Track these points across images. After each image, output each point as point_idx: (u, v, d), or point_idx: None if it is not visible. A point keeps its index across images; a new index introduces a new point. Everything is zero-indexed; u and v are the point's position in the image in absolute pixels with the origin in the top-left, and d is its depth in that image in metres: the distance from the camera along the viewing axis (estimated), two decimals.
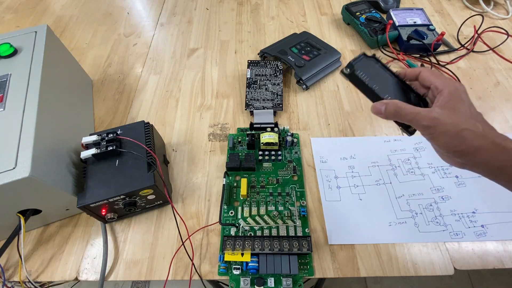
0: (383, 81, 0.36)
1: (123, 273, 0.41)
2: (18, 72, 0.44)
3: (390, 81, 0.36)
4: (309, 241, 0.40)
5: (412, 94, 0.35)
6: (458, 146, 0.29)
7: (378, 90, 0.35)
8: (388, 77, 0.36)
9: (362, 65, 0.36)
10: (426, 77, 0.34)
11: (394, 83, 0.36)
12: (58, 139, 0.42)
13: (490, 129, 0.30)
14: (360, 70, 0.35)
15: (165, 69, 0.66)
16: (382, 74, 0.36)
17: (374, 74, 0.36)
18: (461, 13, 0.75)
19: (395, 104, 0.32)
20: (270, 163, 0.50)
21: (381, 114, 0.33)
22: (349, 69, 0.35)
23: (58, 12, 0.81)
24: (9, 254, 0.42)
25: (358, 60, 0.36)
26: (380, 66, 0.36)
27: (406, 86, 0.36)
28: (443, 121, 0.29)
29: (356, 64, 0.36)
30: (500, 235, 0.42)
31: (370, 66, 0.36)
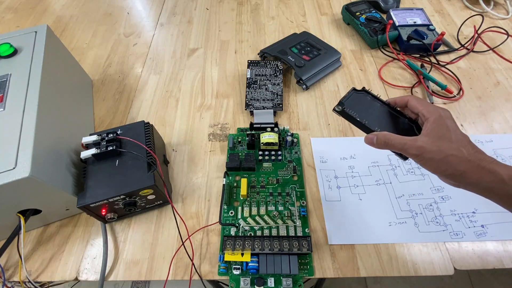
0: (373, 113, 0.38)
1: (123, 273, 0.41)
2: (18, 72, 0.44)
3: (380, 111, 0.38)
4: (309, 241, 0.40)
5: (404, 120, 0.37)
6: (446, 170, 0.31)
7: (369, 123, 0.37)
8: (378, 107, 0.38)
9: (352, 101, 0.38)
10: (413, 105, 0.36)
11: (385, 112, 0.38)
12: (58, 139, 0.42)
13: (475, 153, 0.31)
14: (349, 107, 0.38)
15: (165, 69, 0.66)
16: (373, 105, 0.39)
17: (364, 107, 0.38)
18: (461, 13, 0.76)
19: (384, 136, 0.34)
20: (270, 163, 0.50)
21: (373, 144, 0.35)
22: (340, 107, 0.38)
23: (58, 12, 0.81)
24: (9, 254, 0.42)
25: (348, 97, 0.39)
26: (371, 98, 0.39)
27: (397, 113, 0.38)
28: (429, 149, 0.31)
29: (346, 102, 0.38)
30: (500, 235, 0.42)
31: (360, 99, 0.39)
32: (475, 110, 0.57)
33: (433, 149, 0.31)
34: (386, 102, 0.38)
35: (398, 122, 0.37)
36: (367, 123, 0.37)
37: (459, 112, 0.56)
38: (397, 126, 0.37)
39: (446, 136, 0.32)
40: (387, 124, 0.37)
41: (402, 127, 0.37)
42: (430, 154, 0.31)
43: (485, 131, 0.54)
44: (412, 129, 0.36)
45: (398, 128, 0.37)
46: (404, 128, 0.37)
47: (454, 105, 0.57)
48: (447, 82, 0.61)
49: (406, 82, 0.61)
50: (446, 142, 0.31)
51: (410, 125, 0.37)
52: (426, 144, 0.31)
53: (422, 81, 0.60)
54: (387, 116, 0.38)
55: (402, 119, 0.37)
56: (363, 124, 0.37)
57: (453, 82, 0.61)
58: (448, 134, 0.32)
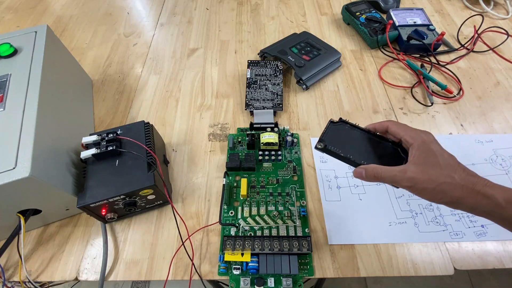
0: (356, 144, 0.37)
1: (123, 273, 0.41)
2: (18, 72, 0.44)
3: (362, 139, 0.37)
4: (309, 241, 0.40)
5: (387, 144, 0.36)
6: (442, 198, 0.30)
7: (354, 158, 0.36)
8: (359, 136, 0.37)
9: (332, 134, 0.37)
10: (394, 131, 0.35)
11: (367, 140, 0.37)
12: (58, 139, 0.42)
13: (467, 176, 0.31)
14: (331, 143, 0.37)
15: (165, 69, 0.66)
16: (353, 134, 0.37)
17: (346, 139, 0.37)
18: (461, 13, 0.75)
19: (373, 170, 0.33)
20: (270, 163, 0.50)
21: (362, 179, 0.34)
22: (322, 144, 0.37)
23: (58, 12, 0.81)
24: (9, 254, 0.42)
25: (327, 132, 0.37)
26: (349, 127, 0.38)
27: (379, 138, 0.37)
28: (420, 179, 0.30)
29: (326, 138, 0.37)
30: (500, 235, 0.42)
31: (339, 130, 0.38)
32: (475, 110, 0.57)
33: (424, 178, 0.30)
34: (365, 129, 0.38)
35: (382, 147, 0.36)
36: (352, 157, 0.36)
37: (459, 112, 0.56)
38: (382, 152, 0.36)
39: (434, 163, 0.31)
40: (372, 153, 0.36)
41: (387, 152, 0.36)
42: (422, 185, 0.30)
43: (485, 131, 0.54)
44: (397, 153, 0.35)
45: (383, 155, 0.36)
46: (388, 153, 0.36)
47: (454, 105, 0.57)
48: (447, 82, 0.61)
49: (406, 82, 0.61)
50: (436, 169, 0.31)
51: (395, 148, 0.36)
52: (416, 174, 0.31)
53: (422, 81, 0.60)
54: (370, 144, 0.37)
55: (385, 144, 0.37)
56: (348, 158, 0.36)
57: (453, 82, 0.61)
58: (435, 160, 0.31)
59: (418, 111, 0.57)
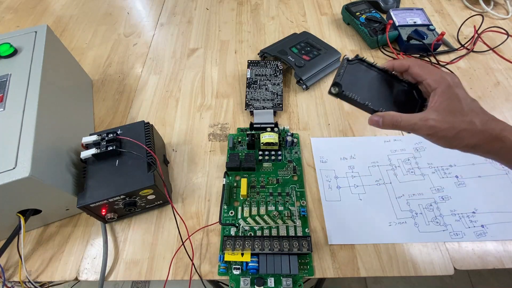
0: (372, 88, 0.34)
1: (123, 273, 0.41)
2: (18, 72, 0.44)
3: (379, 83, 0.34)
4: (309, 241, 0.40)
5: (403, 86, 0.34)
6: (458, 145, 0.31)
7: (372, 104, 0.33)
8: (376, 79, 0.34)
9: (348, 76, 0.34)
10: (416, 73, 0.33)
11: (383, 83, 0.34)
12: (58, 139, 0.42)
13: (488, 120, 0.30)
14: (347, 87, 0.33)
15: (165, 69, 0.66)
16: (370, 76, 0.34)
17: (361, 81, 0.34)
18: (461, 13, 0.75)
19: (391, 118, 0.32)
20: (270, 163, 0.50)
21: (379, 126, 0.33)
22: (337, 88, 0.33)
23: (58, 12, 0.81)
24: (9, 254, 0.42)
25: (343, 74, 0.34)
26: (366, 66, 0.35)
27: (395, 79, 0.34)
28: (440, 127, 0.30)
29: (342, 80, 0.33)
30: (500, 235, 0.42)
31: (355, 71, 0.34)
32: None
33: (445, 126, 0.30)
34: (383, 68, 0.35)
35: (398, 89, 0.34)
36: (370, 104, 0.33)
37: None
38: (397, 95, 0.34)
39: (458, 109, 0.30)
40: (388, 97, 0.33)
41: (402, 94, 0.34)
42: (442, 133, 0.30)
43: None
44: (412, 95, 0.34)
45: (398, 98, 0.34)
46: (403, 95, 0.34)
47: None
48: None
49: None
50: (458, 116, 0.30)
51: (409, 90, 0.34)
52: (438, 122, 0.30)
53: None
54: (386, 87, 0.34)
55: (400, 86, 0.34)
56: (365, 105, 0.33)
57: None
58: (459, 106, 0.30)
59: None
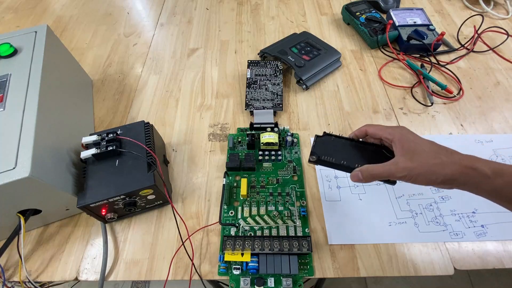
0: (344, 151, 0.39)
1: (123, 273, 0.41)
2: (18, 72, 0.44)
3: (349, 147, 0.40)
4: (309, 241, 0.40)
5: (371, 147, 0.39)
6: (435, 179, 0.32)
7: (347, 163, 0.38)
8: (344, 144, 0.40)
9: (321, 147, 0.40)
10: (372, 133, 0.38)
11: (353, 147, 0.40)
12: (58, 139, 0.42)
13: (451, 154, 0.33)
14: (322, 154, 0.39)
15: (165, 69, 0.66)
16: (341, 143, 0.40)
17: (333, 149, 0.39)
18: (461, 13, 0.75)
19: (367, 170, 0.35)
20: (270, 163, 0.50)
21: (360, 180, 0.36)
22: (314, 157, 0.39)
23: (58, 12, 0.81)
24: (9, 254, 0.42)
25: (316, 145, 0.40)
26: (334, 138, 0.40)
27: (362, 143, 0.40)
28: (412, 167, 0.32)
29: (316, 150, 0.39)
30: (500, 235, 0.42)
31: (326, 143, 0.40)
32: (475, 110, 0.57)
33: (415, 164, 0.32)
34: (349, 138, 0.40)
35: (368, 151, 0.39)
36: (345, 163, 0.38)
37: (459, 112, 0.56)
38: (369, 155, 0.38)
39: (418, 150, 0.33)
40: (361, 157, 0.38)
41: (373, 154, 0.38)
42: (416, 171, 0.32)
43: (485, 131, 0.54)
44: (382, 153, 0.38)
45: (371, 157, 0.38)
46: (375, 155, 0.38)
47: (454, 105, 0.57)
48: (447, 82, 0.61)
49: (406, 82, 0.61)
50: (423, 154, 0.33)
51: (378, 150, 0.38)
52: (407, 163, 0.33)
53: (422, 81, 0.60)
54: (357, 150, 0.39)
55: (369, 147, 0.39)
56: (342, 165, 0.38)
57: (453, 82, 0.61)
58: (418, 147, 0.33)
59: (418, 111, 0.57)
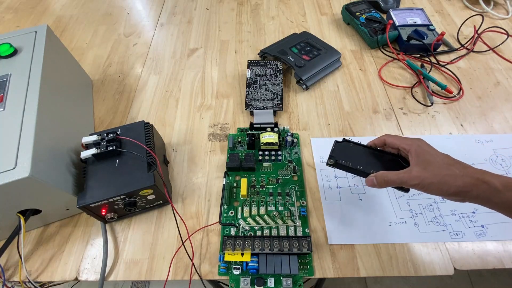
0: (362, 157, 0.41)
1: (123, 273, 0.41)
2: (18, 72, 0.44)
3: (366, 154, 0.41)
4: (309, 241, 0.40)
5: (388, 156, 0.40)
6: (447, 190, 0.33)
7: (363, 168, 0.40)
8: (362, 151, 0.41)
9: (339, 152, 0.41)
10: (391, 143, 0.39)
11: (370, 154, 0.41)
12: (58, 139, 0.42)
13: (464, 168, 0.34)
14: (340, 158, 0.41)
15: (165, 69, 0.66)
16: (357, 150, 0.42)
17: (352, 154, 0.41)
18: (461, 13, 0.75)
19: (381, 176, 0.37)
20: (270, 163, 0.50)
21: (374, 185, 0.37)
22: (332, 160, 0.41)
23: (58, 12, 0.81)
24: (9, 254, 0.42)
25: (334, 150, 0.42)
26: (353, 145, 0.42)
27: (380, 152, 0.41)
28: (424, 176, 0.34)
29: (335, 154, 0.41)
30: (500, 235, 0.42)
31: (345, 148, 0.42)
32: (475, 110, 0.57)
33: (428, 174, 0.34)
34: (367, 145, 0.42)
35: (385, 159, 0.40)
36: (361, 168, 0.40)
37: (459, 112, 0.56)
38: (385, 163, 0.40)
39: (433, 161, 0.34)
40: (377, 164, 0.40)
41: (390, 162, 0.40)
42: (428, 180, 0.33)
43: (485, 131, 0.54)
44: (398, 162, 0.39)
45: (387, 165, 0.39)
46: (391, 163, 0.40)
47: (454, 105, 0.57)
48: (447, 82, 0.61)
49: (406, 82, 0.61)
50: (436, 165, 0.34)
51: (395, 159, 0.40)
52: (420, 173, 0.34)
53: (422, 81, 0.60)
54: (374, 157, 0.41)
55: (386, 156, 0.40)
56: (358, 169, 0.40)
57: (453, 82, 0.61)
58: (433, 158, 0.35)
59: (418, 111, 0.57)
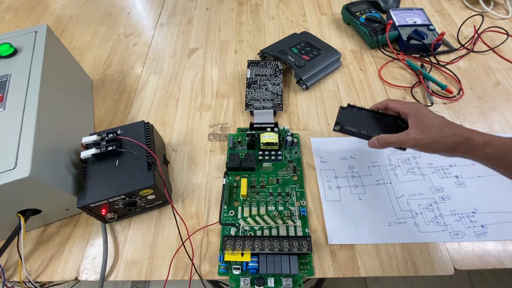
0: (365, 121, 0.45)
1: (123, 273, 0.41)
2: (18, 72, 0.44)
3: (369, 118, 0.46)
4: (309, 241, 0.40)
5: (388, 118, 0.45)
6: (440, 149, 0.38)
7: (366, 132, 0.44)
8: (366, 115, 0.46)
9: (345, 117, 0.46)
10: (392, 107, 0.44)
11: (372, 117, 0.46)
12: (58, 139, 0.42)
13: (456, 128, 0.39)
14: (345, 124, 0.45)
15: (165, 69, 0.66)
16: (361, 115, 0.46)
17: (355, 119, 0.45)
18: (461, 13, 0.75)
19: (383, 138, 0.42)
20: (270, 163, 0.50)
21: (376, 147, 0.42)
22: (339, 126, 0.45)
23: (58, 12, 0.81)
24: (9, 254, 0.42)
25: (340, 116, 0.46)
26: (357, 109, 0.46)
27: (381, 115, 0.45)
28: (421, 138, 0.39)
29: (340, 120, 0.45)
30: (500, 235, 0.42)
31: (349, 113, 0.46)
32: (475, 110, 0.57)
33: (424, 136, 0.39)
34: (370, 109, 0.46)
35: (385, 121, 0.45)
36: (365, 132, 0.44)
37: (459, 112, 0.56)
38: (386, 125, 0.45)
39: (428, 124, 0.39)
40: (379, 127, 0.45)
41: (390, 124, 0.45)
42: (424, 141, 0.39)
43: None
44: (398, 123, 0.44)
45: (387, 127, 0.44)
46: (391, 125, 0.44)
47: (454, 105, 0.57)
48: (447, 82, 0.61)
49: (406, 82, 0.61)
50: (431, 128, 0.39)
51: (395, 120, 0.45)
52: (417, 135, 0.39)
53: (422, 81, 0.60)
54: (375, 120, 0.45)
55: (387, 119, 0.45)
56: (362, 134, 0.44)
57: (453, 82, 0.61)
58: (429, 121, 0.39)
59: None
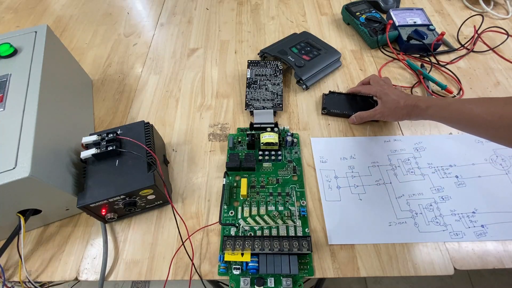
0: (347, 104, 0.57)
1: (123, 273, 0.41)
2: (18, 72, 0.44)
3: (349, 100, 0.58)
4: (309, 241, 0.40)
5: (364, 99, 0.57)
6: (399, 115, 0.49)
7: (347, 112, 0.56)
8: (346, 98, 0.58)
9: (329, 102, 0.57)
10: (364, 92, 0.56)
11: (352, 100, 0.57)
12: (58, 139, 0.42)
13: (408, 99, 0.48)
14: (330, 107, 0.56)
15: (165, 69, 0.66)
16: (342, 98, 0.58)
17: (338, 102, 0.57)
18: (461, 13, 0.75)
19: (359, 115, 0.54)
20: (270, 163, 0.50)
21: (354, 122, 0.55)
22: (326, 110, 0.56)
23: (58, 12, 0.81)
24: (9, 254, 0.42)
25: (325, 101, 0.57)
26: (337, 94, 0.58)
27: (360, 97, 0.58)
28: (384, 110, 0.50)
29: (326, 104, 0.57)
30: (500, 235, 0.42)
31: (332, 98, 0.58)
32: None
33: (386, 109, 0.50)
34: (347, 93, 0.58)
35: (361, 102, 0.57)
36: (346, 112, 0.56)
37: None
38: (361, 105, 0.56)
39: (389, 100, 0.50)
40: (356, 106, 0.56)
41: (365, 104, 0.56)
42: (386, 113, 0.50)
43: None
44: (369, 101, 0.56)
45: (362, 106, 0.56)
46: (366, 104, 0.56)
47: None
48: (447, 82, 0.61)
49: (406, 82, 0.61)
50: (391, 102, 0.49)
51: (367, 99, 0.57)
52: (382, 109, 0.51)
53: (422, 81, 0.60)
54: (353, 101, 0.57)
55: (362, 99, 0.57)
56: (344, 113, 0.56)
57: (453, 82, 0.61)
58: (389, 98, 0.50)
59: None
